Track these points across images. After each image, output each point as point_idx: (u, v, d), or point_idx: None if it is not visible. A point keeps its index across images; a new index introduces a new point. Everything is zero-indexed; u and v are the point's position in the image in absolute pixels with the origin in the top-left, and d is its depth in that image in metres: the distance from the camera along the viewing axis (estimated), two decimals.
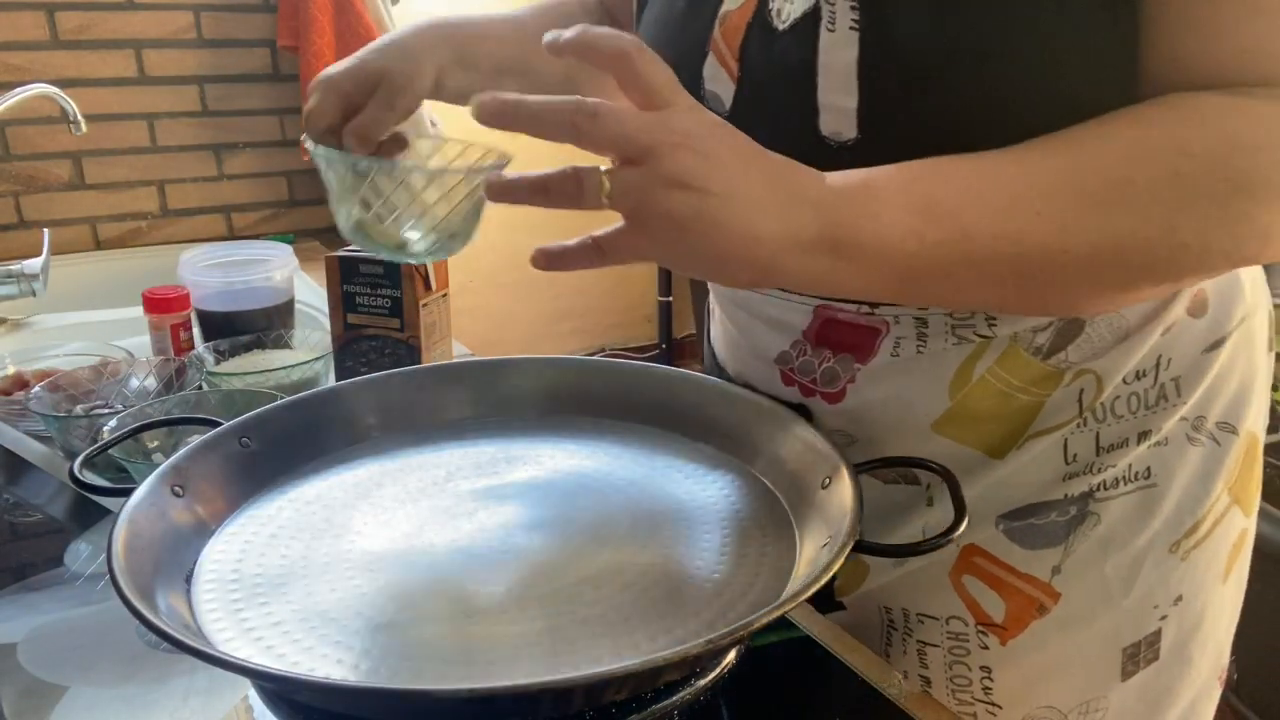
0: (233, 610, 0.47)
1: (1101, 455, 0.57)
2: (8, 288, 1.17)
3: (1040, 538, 0.58)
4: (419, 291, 0.90)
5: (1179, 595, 0.60)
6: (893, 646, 0.63)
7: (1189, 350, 0.57)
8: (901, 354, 0.57)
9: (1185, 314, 0.57)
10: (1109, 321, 0.55)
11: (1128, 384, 0.57)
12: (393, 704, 0.40)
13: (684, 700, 0.45)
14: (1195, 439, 0.59)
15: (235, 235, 1.88)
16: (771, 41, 0.54)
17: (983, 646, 0.60)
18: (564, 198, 0.44)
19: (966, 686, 0.61)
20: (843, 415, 0.60)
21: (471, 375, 0.70)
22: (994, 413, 0.57)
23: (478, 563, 0.50)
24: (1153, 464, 0.58)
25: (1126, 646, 0.60)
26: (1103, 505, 0.58)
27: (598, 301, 2.69)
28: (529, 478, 0.60)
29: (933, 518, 0.60)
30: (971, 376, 0.56)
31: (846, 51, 0.50)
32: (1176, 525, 0.59)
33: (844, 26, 0.50)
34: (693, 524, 0.54)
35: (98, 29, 1.69)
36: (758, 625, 0.40)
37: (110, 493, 0.54)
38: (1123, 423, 0.57)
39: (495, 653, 0.43)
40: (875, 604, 0.63)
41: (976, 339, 0.56)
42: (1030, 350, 0.56)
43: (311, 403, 0.65)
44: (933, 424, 0.58)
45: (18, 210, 1.71)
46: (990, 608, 0.60)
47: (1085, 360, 0.56)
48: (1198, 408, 0.58)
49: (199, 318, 1.00)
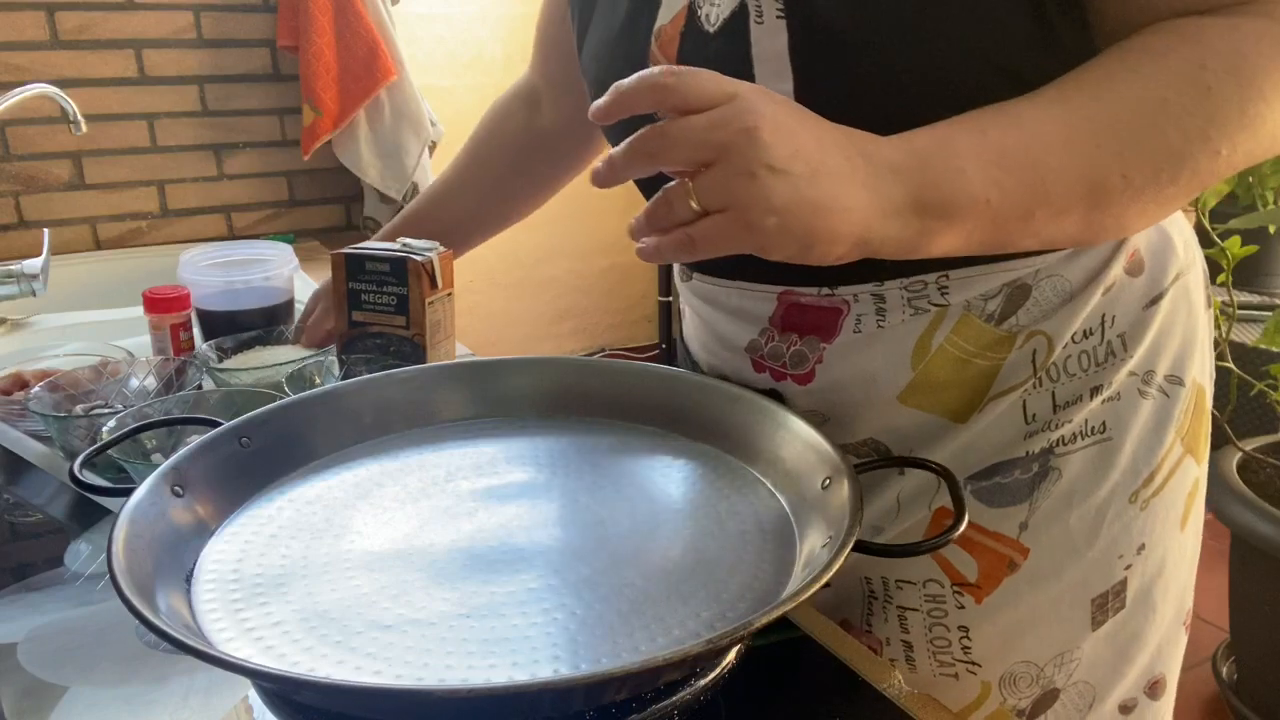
0: (233, 610, 0.47)
1: (1058, 412, 0.60)
2: (8, 288, 1.17)
3: (1006, 496, 0.61)
4: (425, 289, 0.90)
5: (1141, 544, 0.63)
6: (874, 615, 0.65)
7: (1130, 307, 0.61)
8: (863, 330, 0.61)
9: (1124, 273, 0.60)
10: (1053, 285, 0.59)
11: (1076, 343, 0.60)
12: (393, 704, 0.40)
13: (684, 700, 0.45)
14: (1145, 392, 0.62)
15: (235, 235, 1.89)
16: (705, 44, 0.57)
17: (959, 606, 0.63)
18: (664, 222, 0.46)
19: (946, 648, 0.64)
20: (813, 395, 0.63)
21: (471, 375, 0.70)
22: (954, 379, 0.60)
23: (478, 562, 0.50)
24: (1107, 418, 0.61)
25: (1095, 597, 0.63)
26: (1063, 460, 0.61)
27: (598, 301, 2.69)
28: (529, 478, 0.60)
29: (906, 486, 0.63)
30: (930, 346, 0.60)
31: (777, 39, 0.54)
32: (1134, 475, 0.62)
33: (771, 17, 0.54)
34: (693, 524, 0.54)
35: (98, 29, 1.69)
36: (758, 625, 0.40)
37: (110, 493, 0.54)
38: (1075, 380, 0.60)
39: (495, 653, 0.43)
40: (856, 575, 0.66)
41: (932, 308, 0.59)
42: (983, 317, 0.59)
43: (311, 403, 0.65)
44: (898, 395, 0.61)
45: (18, 210, 1.71)
46: (964, 568, 0.62)
47: (1035, 323, 0.59)
48: (1145, 362, 0.61)
49: (199, 317, 1.00)
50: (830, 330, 0.61)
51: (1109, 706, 0.66)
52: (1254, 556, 1.46)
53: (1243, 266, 1.47)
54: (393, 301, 0.90)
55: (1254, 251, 1.46)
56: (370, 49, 1.79)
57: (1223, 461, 1.57)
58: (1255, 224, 1.49)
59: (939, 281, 0.59)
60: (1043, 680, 0.63)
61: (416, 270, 0.89)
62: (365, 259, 0.90)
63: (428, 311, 0.91)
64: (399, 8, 1.92)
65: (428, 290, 0.90)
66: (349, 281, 0.91)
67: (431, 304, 0.91)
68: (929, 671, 0.64)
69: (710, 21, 0.57)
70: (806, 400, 0.64)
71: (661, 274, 2.72)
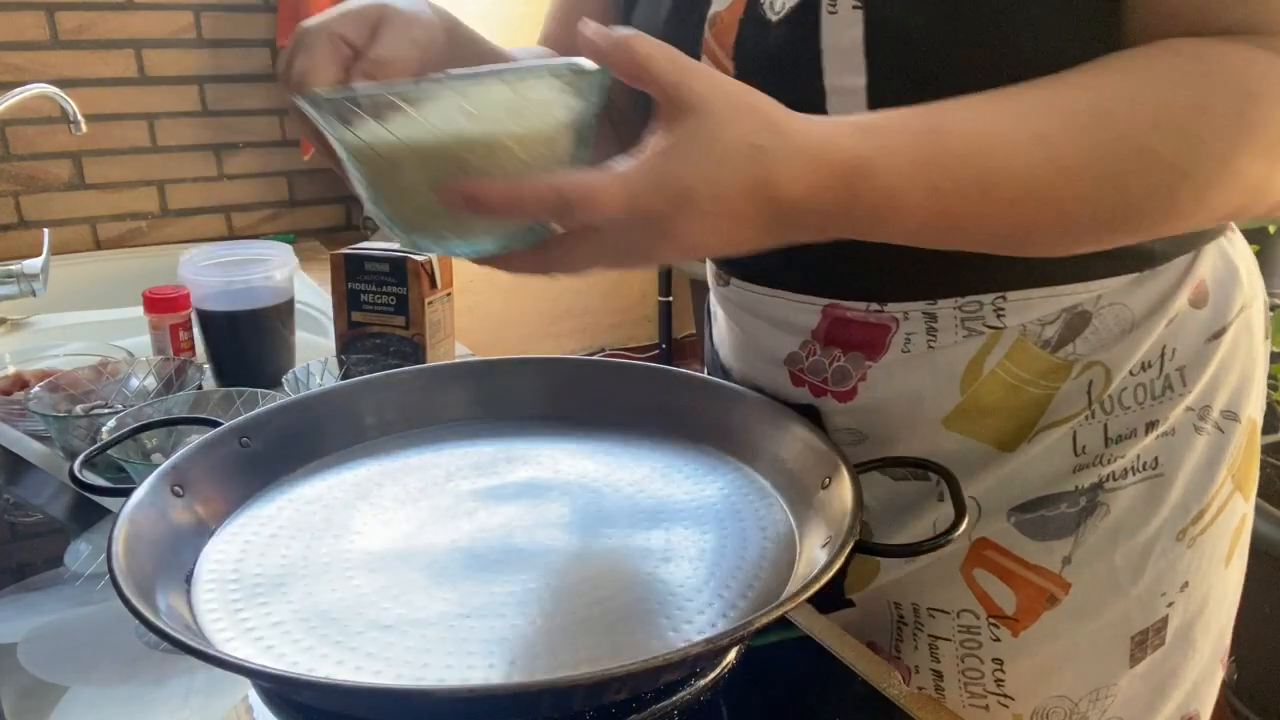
0: (233, 610, 0.47)
1: (1110, 446, 0.58)
2: (8, 288, 1.17)
3: (1051, 529, 0.59)
4: (424, 289, 0.90)
5: (1185, 581, 0.61)
6: (903, 642, 0.64)
7: (1192, 340, 0.58)
8: (913, 349, 0.58)
9: (1188, 305, 0.58)
10: (1115, 313, 0.56)
11: (1134, 375, 0.57)
12: (393, 704, 0.40)
13: (684, 700, 0.45)
14: (1201, 428, 0.59)
15: (235, 235, 1.89)
16: (766, 33, 0.54)
17: (994, 639, 0.61)
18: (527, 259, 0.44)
19: (979, 679, 0.62)
20: (854, 413, 0.61)
21: (471, 375, 0.70)
22: (1004, 406, 0.58)
23: (478, 562, 0.50)
24: (1160, 454, 0.59)
25: (1135, 634, 0.61)
26: (1112, 496, 0.58)
27: (598, 301, 2.69)
28: (529, 478, 0.60)
29: (943, 513, 0.60)
30: (982, 370, 0.57)
31: (851, 31, 0.50)
32: (1183, 513, 0.60)
33: (846, 6, 0.50)
34: (693, 524, 0.54)
35: (98, 29, 1.69)
36: (758, 625, 0.40)
37: (110, 493, 0.54)
38: (1130, 414, 0.58)
39: (495, 653, 0.43)
40: (885, 600, 0.64)
41: (986, 330, 0.56)
42: (1039, 343, 0.56)
43: (311, 403, 0.65)
44: (943, 419, 0.58)
45: (18, 210, 1.71)
46: (1001, 600, 0.60)
47: (1093, 352, 0.57)
48: (1202, 397, 0.59)
49: (199, 317, 0.99)
50: (877, 347, 0.59)
51: None
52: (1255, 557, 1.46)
53: None
54: (392, 301, 0.91)
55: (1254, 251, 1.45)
56: None
57: None
58: (1255, 224, 1.49)
59: (995, 303, 0.56)
60: (1076, 716, 0.62)
61: (416, 270, 0.89)
62: (365, 259, 0.90)
63: (427, 311, 0.91)
64: None
65: (427, 290, 0.90)
66: (349, 282, 0.91)
67: (431, 304, 0.91)
68: (959, 702, 0.62)
69: (774, 9, 0.53)
70: (846, 419, 0.61)
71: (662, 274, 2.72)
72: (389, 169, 0.42)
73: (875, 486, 0.61)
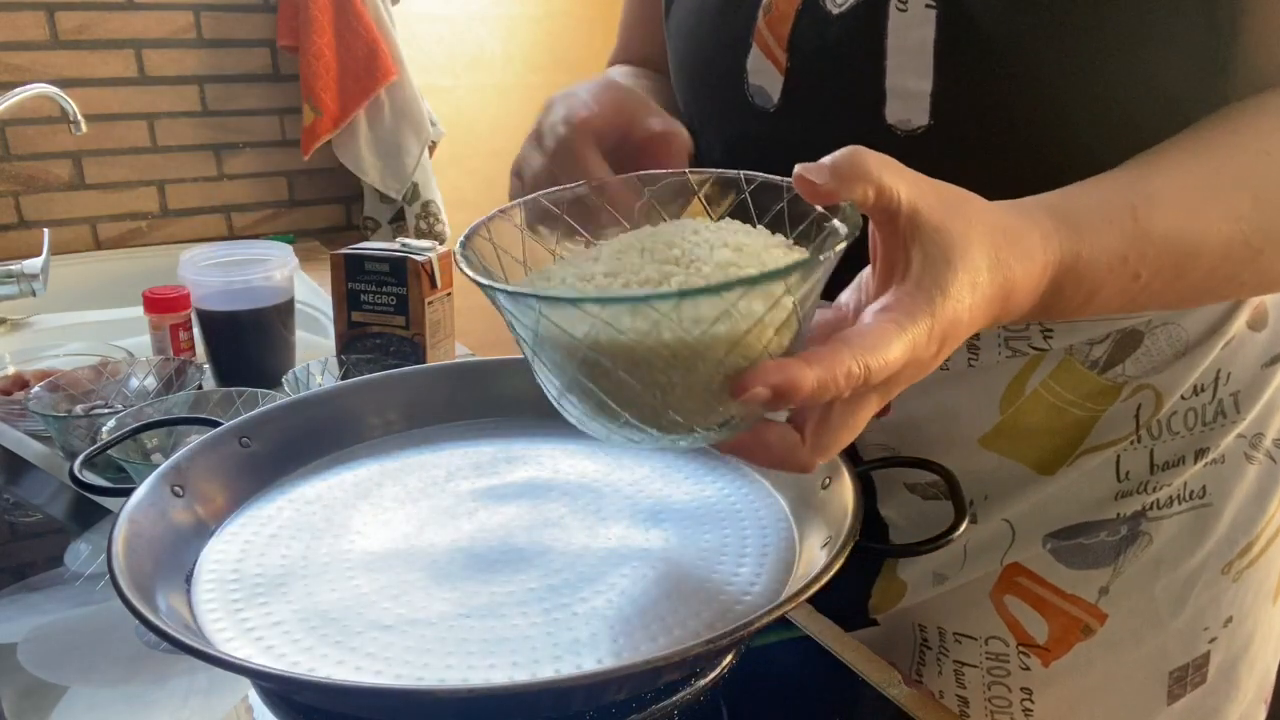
0: (233, 610, 0.47)
1: (1156, 474, 0.55)
2: (8, 288, 1.17)
3: (1089, 558, 0.56)
4: (424, 289, 0.90)
5: (1229, 617, 0.58)
6: (926, 665, 0.62)
7: (1249, 365, 0.56)
8: (952, 367, 0.55)
9: (1246, 327, 0.56)
10: (1169, 334, 0.54)
11: (1185, 400, 0.55)
12: (393, 704, 0.40)
13: (684, 700, 0.45)
14: (1253, 456, 0.57)
15: (235, 235, 1.89)
16: (825, 27, 0.51)
17: (1024, 668, 0.59)
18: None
19: (1006, 708, 0.60)
20: (887, 429, 0.58)
21: (471, 375, 0.70)
22: (1045, 427, 0.55)
23: (478, 562, 0.50)
24: (1208, 483, 0.56)
25: (1174, 670, 0.58)
26: (1155, 525, 0.56)
27: None
28: (529, 478, 0.60)
29: (975, 536, 0.58)
30: (1024, 390, 0.54)
31: (921, 31, 0.47)
32: (1230, 545, 0.57)
33: (918, 5, 0.47)
34: (693, 524, 0.54)
35: (98, 29, 1.69)
36: (758, 625, 0.40)
37: (110, 493, 0.54)
38: (1179, 440, 0.55)
39: (495, 653, 0.43)
40: (909, 622, 0.62)
41: (1031, 351, 0.54)
42: (1086, 364, 0.54)
43: (311, 403, 0.65)
44: (980, 438, 0.56)
45: (18, 210, 1.71)
46: (1033, 628, 0.58)
47: (1144, 374, 0.54)
48: (1256, 425, 0.57)
49: (199, 317, 1.00)
50: None
51: None
52: None
53: None
54: (392, 301, 0.91)
55: None
56: (370, 49, 1.79)
57: None
58: None
59: (1042, 325, 0.53)
60: None
61: (416, 270, 0.89)
62: (365, 259, 0.90)
63: (427, 311, 0.91)
64: (399, 8, 1.92)
65: (427, 290, 0.90)
66: (348, 282, 0.91)
67: (431, 304, 0.91)
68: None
69: (837, 2, 0.50)
70: (879, 435, 0.58)
71: None
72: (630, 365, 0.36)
73: (904, 505, 0.60)
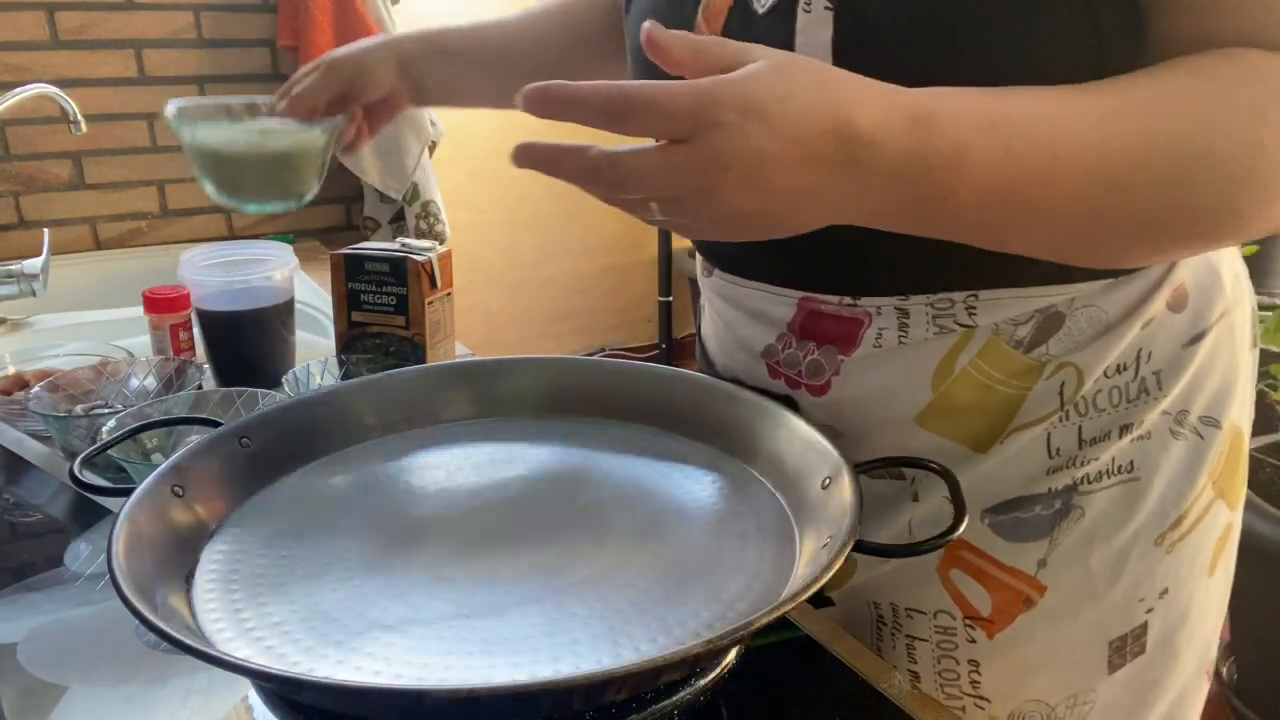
0: (233, 610, 0.47)
1: (1084, 448, 0.58)
2: (8, 288, 1.17)
3: (1025, 531, 0.59)
4: (425, 289, 0.90)
5: (1165, 589, 0.60)
6: (883, 641, 0.64)
7: (1169, 344, 0.58)
8: (884, 344, 0.58)
9: (1165, 308, 0.58)
10: (1089, 315, 0.56)
11: (1108, 377, 0.57)
12: (393, 704, 0.40)
13: (684, 700, 0.45)
14: (1178, 432, 0.59)
15: (235, 235, 1.89)
16: (752, 24, 0.55)
17: (970, 640, 0.61)
18: (588, 185, 0.43)
19: (954, 680, 0.62)
20: (827, 409, 0.61)
21: (471, 375, 0.70)
22: (976, 405, 0.58)
23: (478, 562, 0.50)
24: (1135, 457, 0.59)
25: (1113, 640, 0.61)
26: (1087, 498, 0.58)
27: (598, 301, 2.69)
28: (529, 478, 0.60)
29: (918, 513, 0.61)
30: (954, 369, 0.57)
31: (821, 31, 0.52)
32: (1161, 518, 0.60)
33: (819, 6, 0.51)
34: (693, 524, 0.54)
35: (98, 29, 1.69)
36: (758, 625, 0.40)
37: (110, 493, 0.54)
38: (1104, 416, 0.58)
39: (495, 653, 0.43)
40: (864, 599, 0.64)
41: (958, 329, 0.57)
42: (1011, 343, 0.57)
43: (311, 403, 0.65)
44: (916, 417, 0.59)
45: (18, 210, 1.71)
46: (977, 601, 0.60)
47: (1066, 353, 0.57)
48: (1180, 401, 0.59)
49: (199, 317, 1.00)
50: (850, 342, 0.59)
51: None
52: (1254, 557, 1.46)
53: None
54: (392, 301, 0.91)
55: (1254, 252, 1.45)
56: None
57: None
58: None
59: (967, 301, 0.56)
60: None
61: (416, 270, 0.89)
62: (365, 259, 0.90)
63: (427, 311, 0.91)
64: (399, 8, 1.92)
65: (427, 290, 0.90)
66: (349, 282, 0.91)
67: (431, 304, 0.91)
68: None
69: (760, 1, 0.55)
70: (821, 414, 0.61)
71: (662, 274, 2.72)
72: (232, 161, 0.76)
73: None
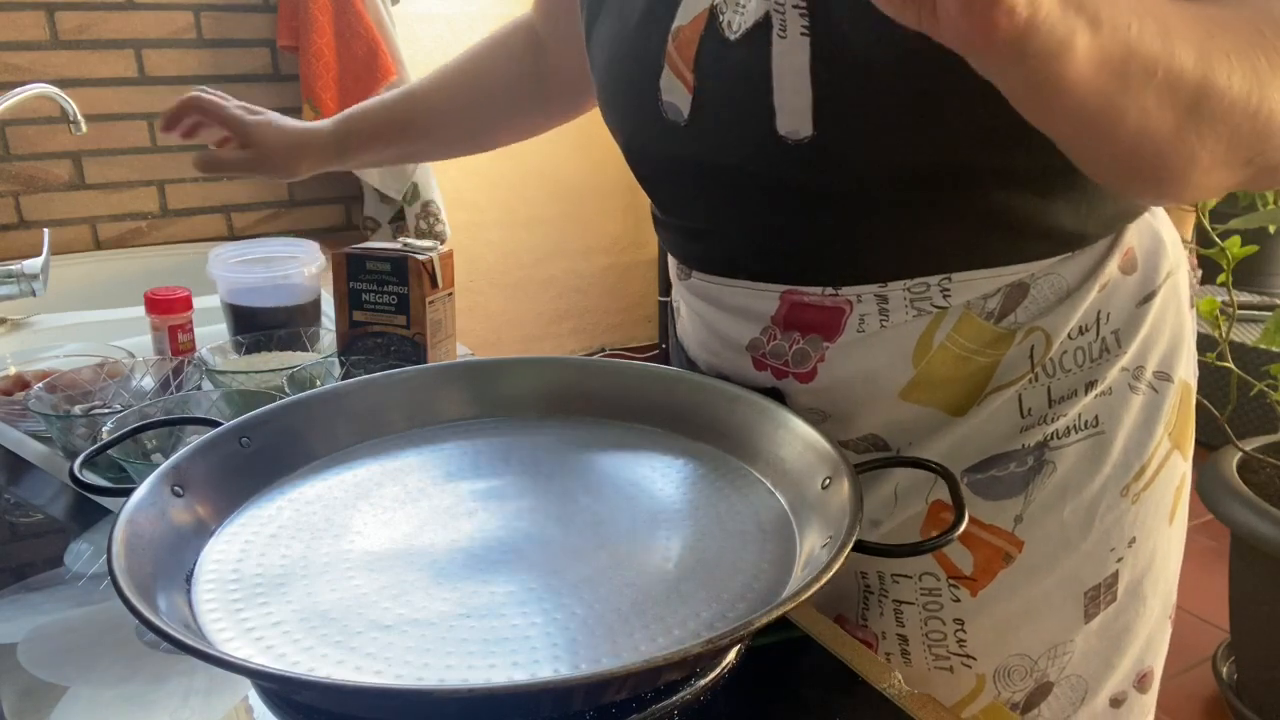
0: (233, 610, 0.47)
1: (1053, 406, 0.61)
2: (8, 288, 1.17)
3: (1002, 488, 0.62)
4: (426, 289, 0.90)
5: (1133, 537, 0.64)
6: (870, 610, 0.66)
7: (1124, 304, 0.62)
8: (866, 329, 0.61)
9: (1118, 271, 0.62)
10: (1050, 283, 0.60)
11: (1073, 339, 0.61)
12: (393, 704, 0.40)
13: (684, 700, 0.45)
14: (1136, 387, 0.63)
15: (235, 235, 1.89)
16: (725, 52, 0.56)
17: (954, 599, 0.63)
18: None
19: (941, 640, 0.64)
20: (815, 394, 0.64)
21: (471, 375, 0.70)
22: (955, 376, 0.61)
23: (478, 562, 0.50)
24: (1100, 412, 0.62)
25: (1088, 589, 0.64)
26: (1057, 453, 0.62)
27: (598, 301, 2.69)
28: (529, 478, 0.60)
29: (903, 478, 0.63)
30: (932, 345, 0.60)
31: (798, 56, 0.53)
32: (1125, 469, 0.63)
33: (795, 33, 0.53)
34: (692, 524, 0.54)
35: (98, 29, 1.69)
36: (758, 625, 0.40)
37: (110, 493, 0.54)
38: (1071, 375, 0.61)
39: (495, 653, 0.43)
40: (852, 571, 0.66)
41: (934, 310, 0.60)
42: (983, 315, 0.60)
43: (311, 403, 0.65)
44: (899, 392, 0.62)
45: (18, 210, 1.71)
46: (960, 561, 0.63)
47: (1033, 319, 0.60)
48: (1136, 358, 0.63)
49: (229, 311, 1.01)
50: (833, 329, 0.62)
51: (1100, 700, 0.67)
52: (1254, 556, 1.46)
53: (1242, 266, 1.47)
54: (393, 301, 0.91)
55: (1254, 251, 1.45)
56: (370, 49, 1.79)
57: (1223, 461, 1.57)
58: (1255, 224, 1.49)
59: (941, 284, 0.59)
60: (1036, 673, 0.64)
61: (417, 270, 0.89)
62: (366, 259, 0.90)
63: (428, 311, 0.91)
64: (399, 8, 1.92)
65: (428, 290, 0.90)
66: (350, 281, 0.91)
67: (432, 303, 0.91)
68: (924, 665, 0.65)
69: (732, 29, 0.56)
70: (807, 398, 0.64)
71: (661, 274, 2.72)
72: None
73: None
